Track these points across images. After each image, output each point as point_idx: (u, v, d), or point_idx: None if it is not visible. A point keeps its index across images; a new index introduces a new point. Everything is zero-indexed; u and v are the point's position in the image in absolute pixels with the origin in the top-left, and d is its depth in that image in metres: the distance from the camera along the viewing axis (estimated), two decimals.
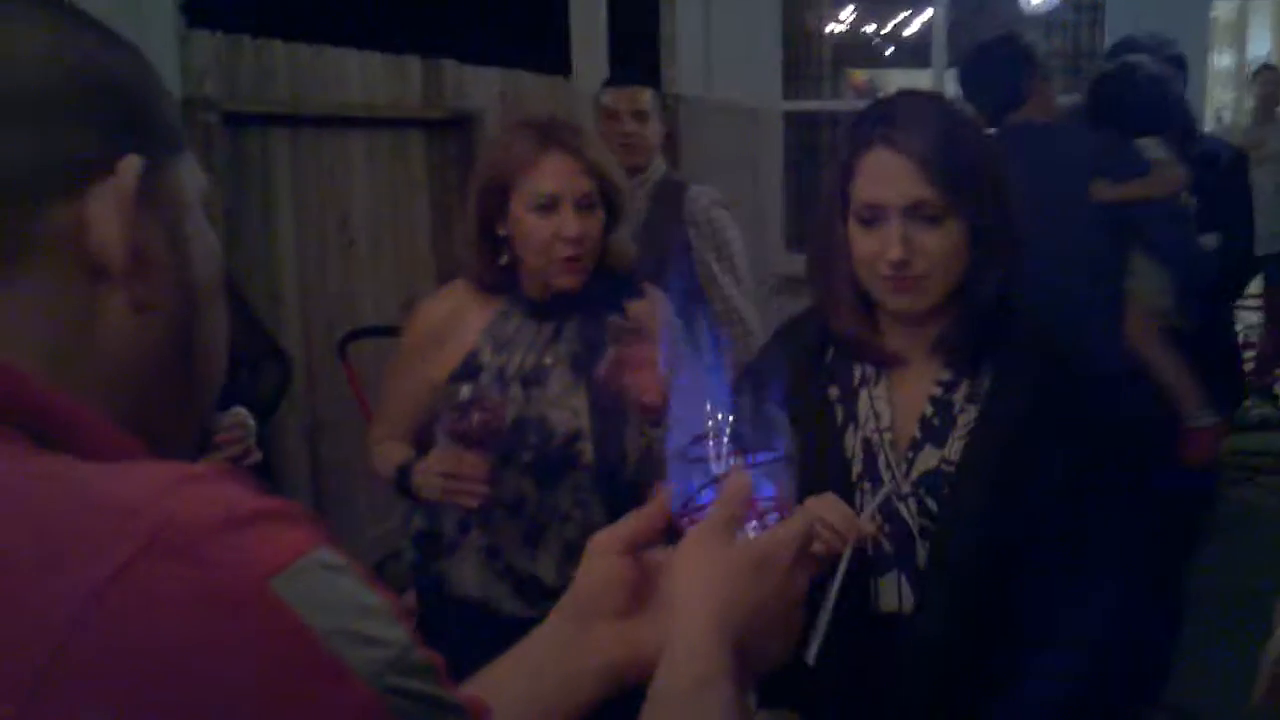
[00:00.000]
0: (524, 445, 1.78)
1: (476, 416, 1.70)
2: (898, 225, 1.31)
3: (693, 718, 0.70)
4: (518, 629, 0.83)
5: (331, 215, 3.44)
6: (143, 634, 0.45)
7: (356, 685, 0.48)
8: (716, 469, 0.83)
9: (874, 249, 1.34)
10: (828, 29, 5.57)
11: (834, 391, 1.42)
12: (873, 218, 1.34)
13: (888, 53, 8.55)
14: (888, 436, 1.38)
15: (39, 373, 0.56)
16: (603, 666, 0.79)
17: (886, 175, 1.33)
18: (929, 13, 6.62)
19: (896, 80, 8.09)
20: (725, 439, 0.83)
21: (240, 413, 1.83)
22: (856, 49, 7.65)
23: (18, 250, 0.56)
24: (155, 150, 0.61)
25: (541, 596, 1.80)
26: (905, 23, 8.24)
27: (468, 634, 1.70)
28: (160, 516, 0.48)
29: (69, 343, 0.58)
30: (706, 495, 0.82)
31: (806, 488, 1.24)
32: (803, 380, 1.43)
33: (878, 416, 1.39)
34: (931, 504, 1.34)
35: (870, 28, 8.26)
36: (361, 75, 3.41)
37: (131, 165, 0.58)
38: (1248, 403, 5.19)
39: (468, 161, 3.83)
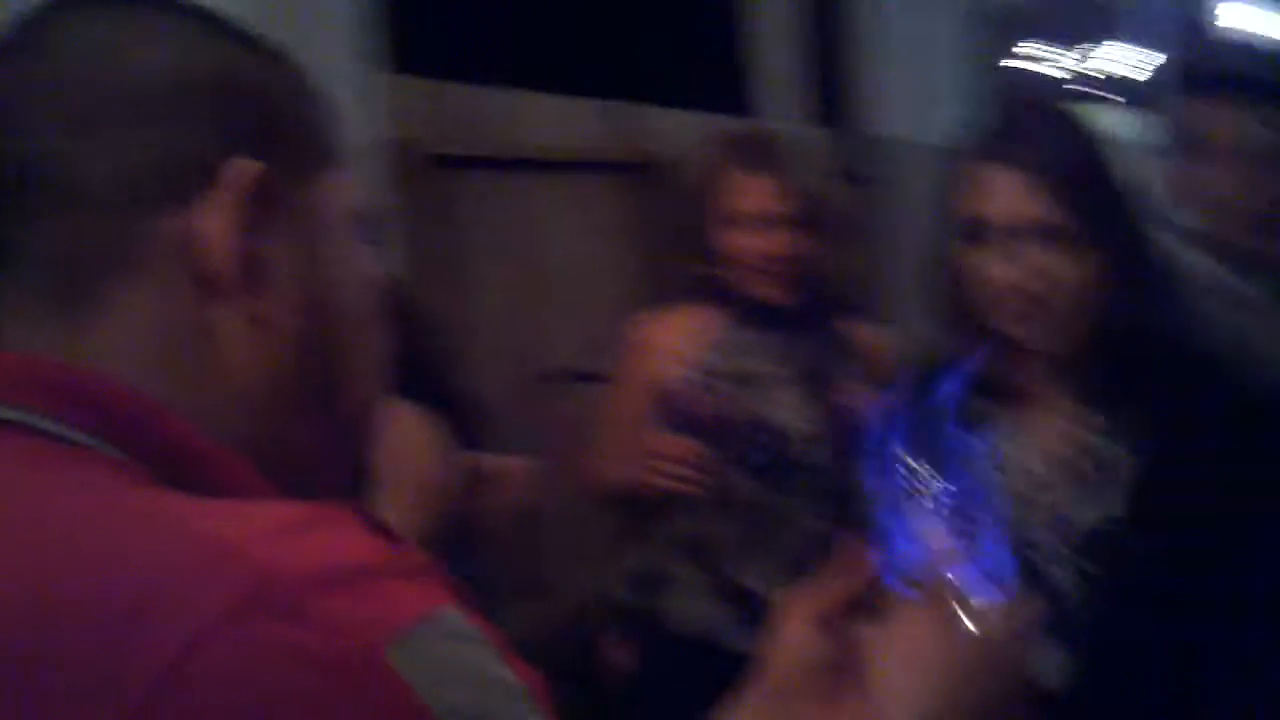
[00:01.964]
0: (752, 445, 1.77)
1: (710, 400, 1.67)
2: (1005, 244, 1.21)
3: None
4: (738, 666, 0.80)
5: (531, 259, 3.48)
6: (239, 696, 0.41)
7: None
8: (932, 531, 0.73)
9: (981, 270, 1.24)
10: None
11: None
12: (978, 235, 1.24)
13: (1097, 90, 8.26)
14: (1041, 495, 1.24)
15: (154, 392, 0.52)
16: None
17: (993, 190, 1.22)
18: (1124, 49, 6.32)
19: (1103, 117, 7.78)
20: (944, 498, 0.73)
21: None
22: (1063, 84, 7.38)
23: (128, 259, 0.53)
24: (291, 162, 0.56)
25: (764, 615, 1.75)
26: (1109, 61, 7.93)
27: (687, 675, 1.70)
28: (262, 564, 0.43)
29: (184, 359, 0.54)
30: (913, 554, 0.71)
31: None
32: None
33: (1028, 472, 1.25)
34: (1088, 566, 1.18)
35: (1069, 62, 7.99)
36: (563, 119, 3.45)
37: (244, 169, 0.53)
38: None
39: (664, 206, 3.82)
